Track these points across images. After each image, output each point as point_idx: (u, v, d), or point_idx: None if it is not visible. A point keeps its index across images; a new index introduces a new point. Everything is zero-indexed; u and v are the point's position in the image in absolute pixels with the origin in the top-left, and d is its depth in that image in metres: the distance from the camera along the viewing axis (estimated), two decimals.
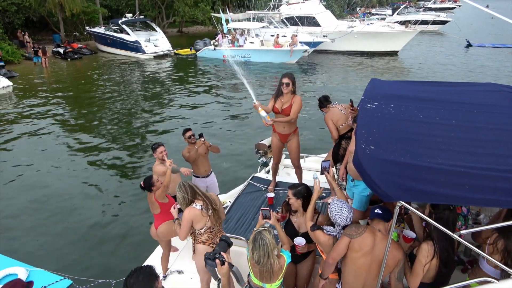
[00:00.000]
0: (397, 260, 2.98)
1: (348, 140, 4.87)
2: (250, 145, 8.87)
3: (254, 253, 2.98)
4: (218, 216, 3.75)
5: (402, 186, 2.64)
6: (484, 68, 20.96)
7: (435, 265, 2.95)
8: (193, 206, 3.65)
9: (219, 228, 3.84)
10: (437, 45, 29.94)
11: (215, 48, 23.68)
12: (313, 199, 3.50)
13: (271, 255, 2.98)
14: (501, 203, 2.62)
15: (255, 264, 3.05)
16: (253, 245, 2.99)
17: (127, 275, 2.34)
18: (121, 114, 13.78)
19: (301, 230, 3.64)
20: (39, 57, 22.13)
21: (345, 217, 3.12)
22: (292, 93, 5.03)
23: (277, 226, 3.43)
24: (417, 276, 2.98)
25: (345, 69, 21.08)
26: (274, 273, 3.07)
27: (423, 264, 2.94)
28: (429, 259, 2.93)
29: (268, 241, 2.97)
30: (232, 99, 15.56)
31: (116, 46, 25.45)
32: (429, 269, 2.96)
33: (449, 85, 4.16)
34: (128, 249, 6.30)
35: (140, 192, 4.84)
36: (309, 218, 3.40)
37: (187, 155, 5.66)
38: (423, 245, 2.99)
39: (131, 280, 2.28)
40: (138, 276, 2.29)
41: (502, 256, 2.98)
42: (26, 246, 6.36)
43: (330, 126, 4.90)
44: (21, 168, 9.50)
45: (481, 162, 2.77)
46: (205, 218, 3.65)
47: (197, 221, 3.66)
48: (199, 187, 3.80)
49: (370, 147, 2.99)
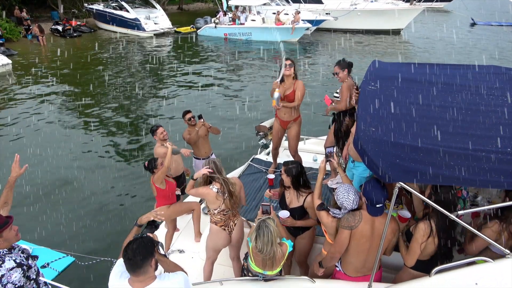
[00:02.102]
0: (395, 231, 3.09)
1: (351, 117, 4.88)
2: (251, 127, 8.85)
3: (258, 241, 3.02)
4: (234, 201, 3.74)
5: (401, 167, 2.66)
6: (488, 47, 20.65)
7: (432, 243, 3.01)
8: (210, 187, 3.69)
9: (234, 213, 3.83)
10: (442, 24, 29.41)
11: (216, 26, 23.31)
12: (319, 179, 3.52)
13: (274, 243, 3.03)
14: (499, 184, 2.63)
15: (258, 253, 3.09)
16: (257, 233, 3.03)
17: (125, 246, 2.42)
18: (121, 94, 13.70)
19: (290, 206, 3.71)
20: (31, 34, 21.80)
21: (351, 200, 3.14)
22: (293, 79, 4.98)
23: (276, 220, 3.45)
24: (414, 254, 3.06)
25: (347, 48, 20.80)
26: (276, 261, 3.13)
27: (419, 242, 3.01)
28: (426, 237, 3.00)
29: (272, 229, 3.03)
30: (233, 79, 15.43)
31: (116, 24, 25.00)
32: (426, 248, 3.04)
33: (450, 67, 4.12)
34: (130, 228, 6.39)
35: (143, 173, 4.90)
36: (316, 196, 3.44)
37: (187, 137, 5.66)
38: (420, 224, 3.04)
39: (134, 246, 2.38)
40: (140, 242, 2.41)
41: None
42: (28, 224, 6.45)
43: (345, 96, 4.79)
44: (20, 146, 9.53)
45: (481, 144, 2.78)
46: (219, 202, 3.68)
47: (211, 202, 3.71)
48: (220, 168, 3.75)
49: (370, 129, 3.00)
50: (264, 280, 3.28)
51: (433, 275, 2.94)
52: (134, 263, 2.35)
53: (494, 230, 3.08)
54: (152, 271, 2.43)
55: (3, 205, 3.38)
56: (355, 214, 3.04)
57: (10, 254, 3.06)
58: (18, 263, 3.02)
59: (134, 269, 2.37)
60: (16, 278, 2.94)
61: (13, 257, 3.05)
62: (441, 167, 2.63)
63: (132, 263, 2.36)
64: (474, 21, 28.38)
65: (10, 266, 2.96)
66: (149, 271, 2.41)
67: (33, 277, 3.16)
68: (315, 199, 3.44)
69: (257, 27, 22.11)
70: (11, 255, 3.05)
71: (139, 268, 2.37)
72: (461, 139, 2.86)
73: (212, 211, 3.77)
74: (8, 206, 3.40)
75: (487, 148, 2.75)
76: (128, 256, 2.35)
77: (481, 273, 2.87)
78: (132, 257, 2.34)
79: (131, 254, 2.35)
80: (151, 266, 2.41)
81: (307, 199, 3.60)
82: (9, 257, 3.02)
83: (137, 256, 2.34)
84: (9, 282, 2.90)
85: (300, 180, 3.62)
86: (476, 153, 2.70)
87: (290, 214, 3.65)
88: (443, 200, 2.90)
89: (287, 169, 3.63)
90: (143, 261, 2.36)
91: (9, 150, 9.34)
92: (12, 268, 2.96)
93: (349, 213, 3.09)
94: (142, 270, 2.38)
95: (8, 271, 2.93)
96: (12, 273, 2.94)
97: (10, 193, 3.42)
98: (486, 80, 3.76)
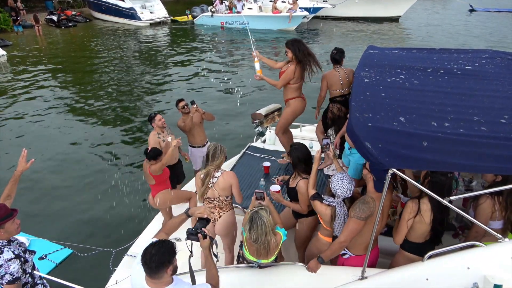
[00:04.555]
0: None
1: (337, 104, 4.92)
2: (246, 115, 8.82)
3: (252, 232, 3.02)
4: (220, 195, 3.68)
5: (394, 153, 2.66)
6: (485, 33, 20.53)
7: (421, 223, 3.01)
8: (200, 172, 3.72)
9: (221, 205, 3.75)
10: (440, 10, 29.17)
11: (212, 15, 23.10)
12: (314, 169, 3.50)
13: (268, 233, 3.03)
14: (492, 169, 2.64)
15: (252, 243, 3.09)
16: (251, 225, 3.02)
17: (147, 245, 2.39)
18: (116, 83, 13.61)
19: (290, 185, 3.76)
20: (20, 25, 21.55)
21: (345, 189, 3.14)
22: (295, 61, 4.69)
23: (270, 207, 3.45)
24: (401, 231, 3.10)
25: (345, 36, 20.63)
26: (270, 250, 3.14)
27: (406, 219, 3.05)
28: (412, 215, 3.02)
29: (266, 220, 3.02)
30: (229, 68, 15.32)
31: (111, 13, 24.73)
32: (416, 227, 3.05)
33: (446, 52, 4.10)
34: (128, 219, 6.40)
35: (141, 162, 4.88)
36: (311, 186, 3.44)
37: (182, 125, 5.66)
38: (408, 202, 3.08)
39: (152, 251, 2.33)
40: (160, 248, 2.35)
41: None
42: (26, 216, 6.46)
43: (323, 86, 5.01)
44: (16, 137, 9.51)
45: (474, 130, 2.77)
46: (200, 188, 3.68)
47: (197, 187, 3.73)
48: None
49: (363, 115, 2.98)
50: (259, 267, 3.30)
51: (426, 260, 2.97)
52: (149, 268, 2.33)
53: (488, 204, 3.12)
54: (167, 277, 2.40)
55: (6, 198, 3.42)
56: (368, 202, 2.98)
57: (8, 246, 3.08)
58: (17, 255, 3.03)
59: (148, 272, 2.37)
60: (15, 270, 2.96)
61: (11, 248, 3.07)
62: (435, 153, 2.63)
63: (147, 268, 2.34)
64: (472, 7, 28.15)
65: (9, 257, 2.97)
66: (164, 276, 2.38)
67: (28, 271, 3.17)
68: (309, 188, 3.44)
69: (254, 16, 21.88)
70: (10, 247, 3.07)
71: (153, 273, 2.35)
72: (455, 124, 2.85)
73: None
74: (10, 200, 3.42)
75: (481, 134, 2.74)
76: (145, 260, 2.32)
77: (473, 258, 2.89)
78: (148, 262, 2.32)
79: (148, 258, 2.32)
80: (166, 272, 2.37)
81: (299, 183, 3.60)
82: (7, 248, 3.04)
83: (152, 262, 2.31)
84: (7, 273, 2.92)
85: (302, 162, 3.63)
86: (470, 138, 2.70)
87: (288, 193, 3.70)
88: (438, 182, 2.89)
89: (291, 150, 3.73)
90: (157, 268, 2.32)
91: (5, 141, 9.32)
92: (11, 259, 2.98)
93: (361, 202, 3.01)
94: (157, 276, 2.36)
95: (6, 262, 2.95)
96: (11, 264, 2.95)
97: (14, 186, 3.44)
98: (482, 64, 3.74)
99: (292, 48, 4.66)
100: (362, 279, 3.07)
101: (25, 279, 3.14)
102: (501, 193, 3.11)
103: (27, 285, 3.18)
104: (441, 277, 2.91)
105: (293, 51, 4.65)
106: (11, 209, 3.07)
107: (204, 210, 2.92)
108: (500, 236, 2.88)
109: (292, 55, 4.67)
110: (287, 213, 4.00)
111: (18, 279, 2.98)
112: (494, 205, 3.12)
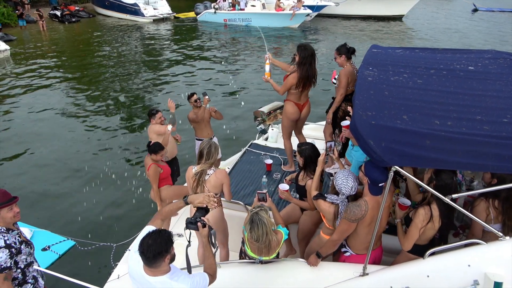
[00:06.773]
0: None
1: (348, 102, 4.86)
2: (249, 113, 8.84)
3: (253, 233, 3.05)
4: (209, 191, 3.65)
5: (396, 151, 2.67)
6: (489, 33, 20.45)
7: (431, 229, 3.02)
8: (193, 166, 3.74)
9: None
10: (444, 9, 29.06)
11: (215, 12, 23.06)
12: (318, 172, 3.51)
13: (269, 233, 3.07)
14: (494, 167, 2.65)
15: (253, 242, 3.12)
16: (251, 226, 3.05)
17: (144, 235, 2.40)
18: (120, 80, 13.63)
19: (299, 183, 3.79)
20: (24, 20, 21.57)
21: (350, 187, 3.15)
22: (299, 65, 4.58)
23: (272, 207, 3.48)
24: (412, 239, 3.06)
25: (348, 35, 20.58)
26: (271, 249, 3.17)
27: (419, 227, 3.00)
28: (425, 223, 2.98)
29: (266, 220, 3.05)
30: (232, 66, 15.32)
31: (114, 9, 24.72)
32: (425, 232, 3.04)
33: (449, 52, 4.10)
34: (130, 214, 6.44)
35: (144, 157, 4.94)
36: (314, 187, 3.46)
37: (194, 117, 5.90)
38: (420, 209, 3.02)
39: (149, 241, 2.34)
40: (156, 238, 2.35)
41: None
42: (30, 208, 6.51)
43: (344, 84, 4.73)
44: (20, 131, 9.56)
45: (476, 129, 2.79)
46: (191, 183, 3.68)
47: (187, 180, 3.76)
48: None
49: (366, 113, 3.00)
50: (261, 263, 3.33)
51: (427, 257, 2.99)
52: (146, 258, 2.35)
53: (482, 207, 3.12)
54: (165, 265, 2.42)
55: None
56: (360, 205, 2.99)
57: (5, 234, 3.04)
58: (8, 244, 2.99)
59: (146, 262, 2.39)
60: (2, 259, 2.92)
61: (5, 237, 3.02)
62: (437, 151, 2.65)
63: (144, 258, 2.36)
64: (476, 7, 28.05)
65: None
66: (162, 265, 2.40)
67: (20, 266, 3.13)
68: (312, 190, 3.46)
69: (257, 13, 21.85)
70: (5, 235, 3.03)
71: (150, 263, 2.37)
72: (458, 123, 2.86)
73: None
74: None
75: (483, 133, 2.75)
76: (142, 249, 2.34)
77: (474, 255, 2.92)
78: (145, 252, 2.33)
79: (145, 248, 2.33)
80: (164, 261, 2.38)
81: (308, 182, 3.63)
82: (1, 236, 3.00)
83: (150, 252, 2.32)
84: None
85: (313, 162, 3.65)
86: (472, 137, 2.71)
87: (297, 191, 3.73)
88: (444, 185, 2.87)
89: (300, 150, 3.75)
90: (155, 258, 2.34)
91: (9, 134, 9.37)
92: (0, 247, 2.95)
93: (353, 204, 3.02)
94: (154, 265, 2.38)
95: None
96: None
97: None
98: (485, 64, 3.75)
99: (300, 53, 4.54)
100: (363, 275, 3.10)
101: (15, 274, 3.10)
102: (497, 196, 3.10)
103: (16, 281, 3.14)
104: (442, 274, 2.92)
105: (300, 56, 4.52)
106: (11, 196, 3.04)
107: (203, 199, 2.86)
108: (501, 235, 2.90)
109: (299, 59, 4.55)
110: (295, 207, 4.03)
111: (6, 268, 2.94)
112: (488, 207, 3.11)
